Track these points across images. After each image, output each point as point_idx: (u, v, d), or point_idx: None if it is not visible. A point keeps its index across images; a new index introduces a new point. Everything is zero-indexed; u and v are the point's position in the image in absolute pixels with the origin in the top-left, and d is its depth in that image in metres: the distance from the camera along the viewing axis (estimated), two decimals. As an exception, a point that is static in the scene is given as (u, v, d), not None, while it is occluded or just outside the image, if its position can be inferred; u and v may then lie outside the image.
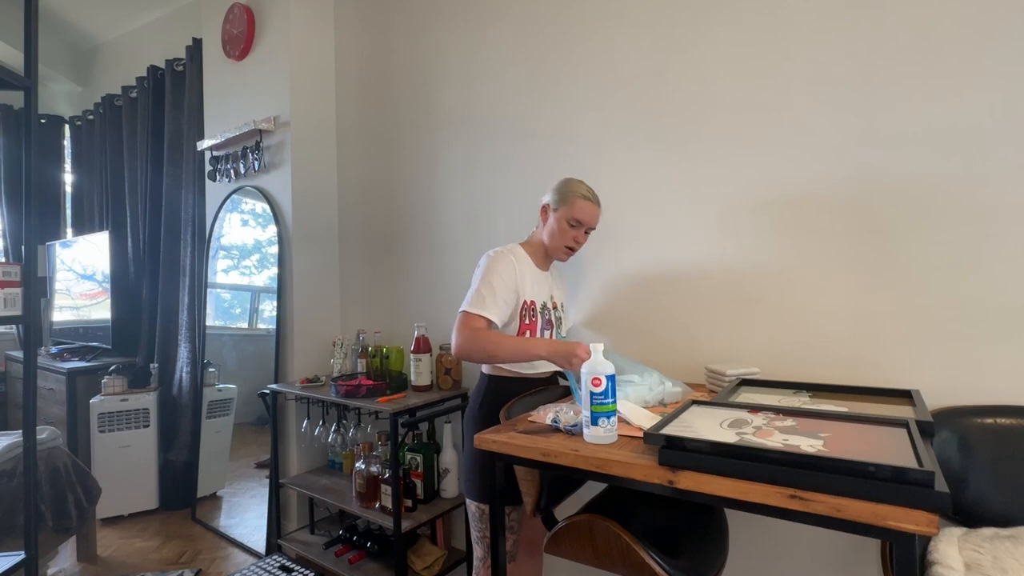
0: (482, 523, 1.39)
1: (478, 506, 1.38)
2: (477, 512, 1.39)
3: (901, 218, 1.32)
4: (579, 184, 1.46)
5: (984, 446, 1.16)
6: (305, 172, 2.48)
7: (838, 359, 1.40)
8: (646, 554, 1.01)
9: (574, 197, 1.43)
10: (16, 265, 1.34)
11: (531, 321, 1.43)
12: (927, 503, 0.67)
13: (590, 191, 1.46)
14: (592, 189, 1.48)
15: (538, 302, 1.46)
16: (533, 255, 1.50)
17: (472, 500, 1.40)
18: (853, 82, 1.37)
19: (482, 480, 1.37)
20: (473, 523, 1.41)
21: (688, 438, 0.86)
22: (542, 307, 1.47)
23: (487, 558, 1.38)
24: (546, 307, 1.49)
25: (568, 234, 1.44)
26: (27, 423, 1.32)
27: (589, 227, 1.47)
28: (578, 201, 1.43)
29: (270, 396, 2.31)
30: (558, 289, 1.59)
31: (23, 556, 1.32)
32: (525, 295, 1.42)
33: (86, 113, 3.80)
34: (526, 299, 1.42)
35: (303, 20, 2.48)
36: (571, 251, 1.49)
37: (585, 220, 1.44)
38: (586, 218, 1.44)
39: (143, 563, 2.33)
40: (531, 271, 1.46)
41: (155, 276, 3.19)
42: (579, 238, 1.46)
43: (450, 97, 2.18)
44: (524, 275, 1.42)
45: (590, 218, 1.45)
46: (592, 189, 1.48)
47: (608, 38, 1.77)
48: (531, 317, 1.43)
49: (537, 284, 1.47)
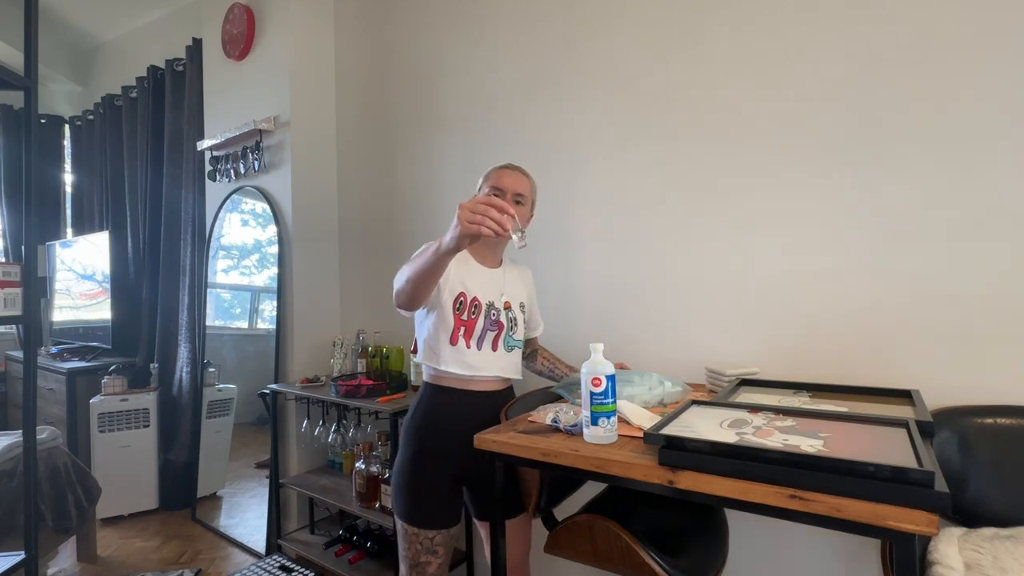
0: (406, 542, 1.29)
1: (404, 525, 1.29)
2: (402, 531, 1.30)
3: (901, 218, 1.32)
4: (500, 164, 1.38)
5: (984, 446, 1.16)
6: (305, 172, 2.48)
7: (838, 359, 1.40)
8: (646, 554, 1.01)
9: (491, 171, 1.36)
10: (16, 265, 1.34)
11: (470, 319, 1.30)
12: (927, 503, 0.67)
13: (508, 163, 1.38)
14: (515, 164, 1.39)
15: (482, 299, 1.32)
16: (476, 252, 1.37)
17: (398, 518, 1.31)
18: (853, 82, 1.37)
19: (405, 498, 1.29)
20: (398, 538, 1.32)
21: (688, 438, 0.86)
22: (488, 306, 1.33)
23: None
24: (493, 306, 1.34)
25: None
26: (27, 423, 1.32)
27: (514, 192, 1.32)
28: (493, 173, 1.35)
29: (270, 396, 2.31)
30: (515, 288, 1.42)
31: (23, 556, 1.32)
32: (463, 288, 1.30)
33: (86, 113, 3.80)
34: (463, 292, 1.30)
35: (303, 20, 2.48)
36: None
37: (505, 185, 1.31)
38: (504, 183, 1.31)
39: (143, 563, 2.33)
40: (472, 267, 1.34)
41: (155, 276, 3.19)
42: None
43: (450, 97, 2.18)
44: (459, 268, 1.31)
45: (510, 183, 1.32)
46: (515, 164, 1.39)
47: (608, 38, 1.77)
48: (470, 314, 1.30)
49: (482, 281, 1.34)
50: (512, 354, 1.38)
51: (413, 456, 1.31)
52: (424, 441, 1.31)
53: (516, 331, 1.38)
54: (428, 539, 1.28)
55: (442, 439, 1.30)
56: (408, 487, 1.30)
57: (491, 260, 1.40)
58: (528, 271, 1.54)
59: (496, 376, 1.35)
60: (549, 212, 1.90)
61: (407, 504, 1.29)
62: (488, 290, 1.34)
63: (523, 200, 1.35)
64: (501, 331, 1.35)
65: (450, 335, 1.29)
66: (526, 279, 1.50)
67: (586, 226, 1.82)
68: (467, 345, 1.30)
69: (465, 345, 1.30)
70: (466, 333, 1.30)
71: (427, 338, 1.32)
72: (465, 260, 1.34)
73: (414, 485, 1.29)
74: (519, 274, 1.48)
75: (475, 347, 1.31)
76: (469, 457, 1.24)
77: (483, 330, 1.32)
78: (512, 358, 1.38)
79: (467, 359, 1.30)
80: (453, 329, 1.29)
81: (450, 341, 1.29)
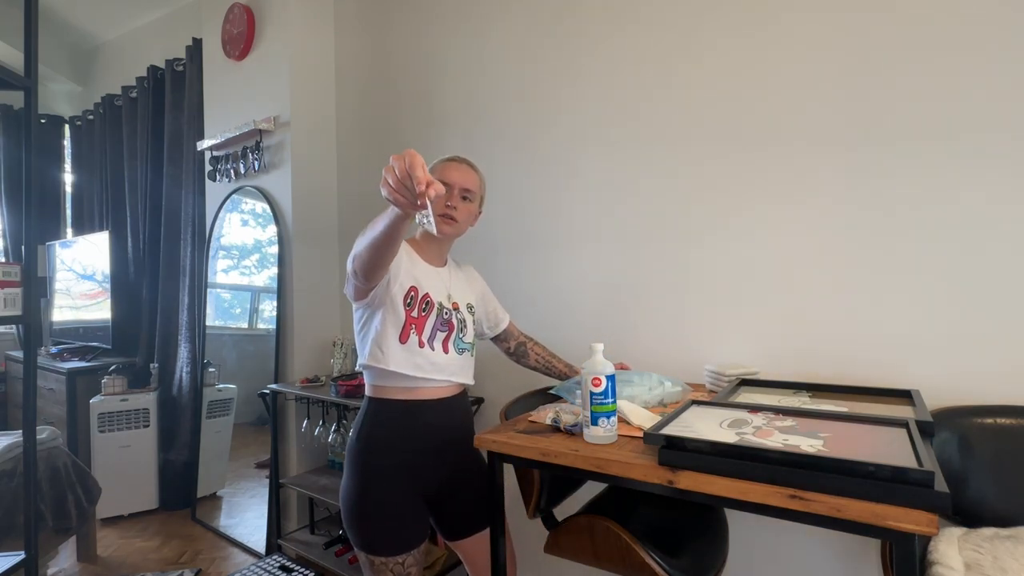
0: (373, 573, 1.19)
1: (368, 557, 1.19)
2: (367, 563, 1.19)
3: (901, 217, 1.32)
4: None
5: (984, 446, 1.16)
6: (305, 172, 2.48)
7: (838, 359, 1.40)
8: (646, 554, 1.01)
9: (436, 164, 1.29)
10: (16, 265, 1.34)
11: (421, 316, 1.21)
12: (927, 503, 0.67)
13: (456, 156, 1.31)
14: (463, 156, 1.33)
15: (434, 298, 1.24)
16: (420, 249, 1.29)
17: (359, 550, 1.21)
18: (853, 82, 1.37)
19: (361, 528, 1.19)
20: (364, 570, 1.22)
21: (688, 438, 0.86)
22: (439, 305, 1.25)
23: None
24: (443, 307, 1.26)
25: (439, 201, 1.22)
26: (27, 423, 1.32)
27: (461, 187, 1.25)
28: (439, 165, 1.28)
29: (270, 396, 2.31)
30: (461, 289, 1.35)
31: (23, 556, 1.32)
32: (416, 283, 1.22)
33: (86, 113, 3.80)
34: (415, 286, 1.21)
35: (303, 20, 2.48)
36: (449, 219, 1.24)
37: (450, 179, 1.24)
38: (451, 177, 1.25)
39: (143, 563, 2.33)
40: (421, 264, 1.27)
41: (155, 276, 3.19)
42: (452, 201, 1.24)
43: (450, 97, 2.18)
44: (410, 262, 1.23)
45: (456, 177, 1.25)
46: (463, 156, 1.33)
47: (607, 38, 1.77)
48: (421, 311, 1.21)
49: (431, 279, 1.26)
50: (463, 357, 1.29)
51: (361, 481, 1.20)
52: (370, 465, 1.20)
53: (466, 333, 1.31)
54: (399, 564, 1.18)
55: (393, 456, 1.20)
56: (363, 516, 1.19)
57: (437, 259, 1.32)
58: (473, 270, 1.46)
59: (447, 380, 1.25)
60: (548, 211, 1.90)
61: (366, 534, 1.19)
62: (437, 289, 1.27)
63: (471, 196, 1.28)
64: (451, 332, 1.26)
65: (399, 332, 1.18)
66: (472, 279, 1.43)
67: (586, 226, 1.82)
68: (419, 344, 1.20)
69: (417, 344, 1.19)
70: (417, 330, 1.20)
71: (374, 337, 1.19)
72: (410, 256, 1.25)
73: (368, 513, 1.19)
74: (464, 275, 1.41)
75: (428, 346, 1.21)
76: (429, 471, 1.21)
77: (433, 328, 1.23)
78: (463, 361, 1.29)
79: (417, 359, 1.19)
80: (404, 325, 1.18)
81: (400, 338, 1.18)
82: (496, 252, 2.03)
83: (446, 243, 1.33)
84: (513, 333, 1.52)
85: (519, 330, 1.55)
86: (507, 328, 1.51)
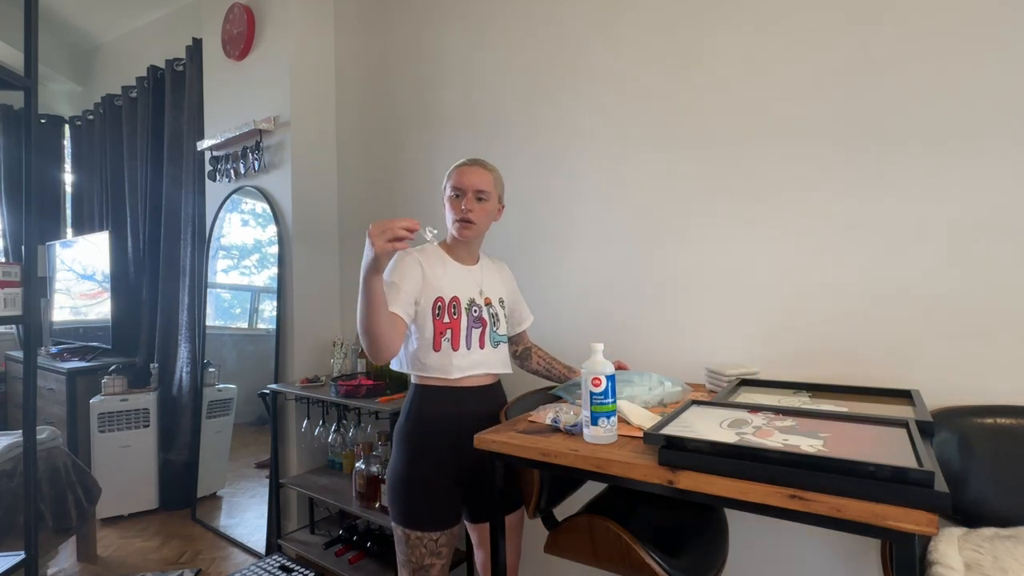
0: (408, 547, 1.27)
1: (404, 531, 1.27)
2: (402, 536, 1.28)
3: (901, 217, 1.32)
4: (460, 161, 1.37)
5: (984, 446, 1.16)
6: (305, 172, 2.48)
7: (838, 359, 1.40)
8: (646, 554, 1.01)
9: (452, 170, 1.35)
10: (16, 265, 1.34)
11: (453, 320, 1.30)
12: (927, 503, 0.67)
13: (468, 158, 1.36)
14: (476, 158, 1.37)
15: (462, 298, 1.32)
16: (451, 251, 1.37)
17: (398, 525, 1.29)
18: (854, 83, 1.37)
19: (404, 502, 1.28)
20: (397, 545, 1.30)
21: (688, 438, 0.86)
22: (469, 303, 1.33)
23: None
24: (474, 303, 1.34)
25: (456, 207, 1.31)
26: (27, 423, 1.32)
27: (475, 190, 1.31)
28: (454, 171, 1.34)
29: (270, 396, 2.31)
30: (493, 284, 1.42)
31: (23, 556, 1.32)
32: (441, 291, 1.30)
33: (86, 113, 3.80)
34: (441, 295, 1.29)
35: (303, 20, 2.48)
36: (466, 223, 1.31)
37: (463, 184, 1.30)
38: (464, 181, 1.30)
39: (143, 563, 2.33)
40: (449, 266, 1.34)
41: (155, 276, 3.19)
42: (467, 205, 1.30)
43: (450, 96, 2.18)
44: (434, 270, 1.31)
45: (469, 181, 1.31)
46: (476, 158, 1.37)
47: (608, 39, 1.77)
48: (452, 315, 1.30)
49: (459, 279, 1.34)
50: (498, 349, 1.38)
51: (409, 459, 1.30)
52: (418, 443, 1.30)
53: (499, 326, 1.38)
54: (432, 541, 1.26)
55: (436, 438, 1.29)
56: (407, 491, 1.28)
57: (468, 258, 1.39)
58: (505, 266, 1.53)
59: (484, 372, 1.35)
60: (549, 211, 1.90)
61: (407, 508, 1.28)
62: (467, 287, 1.34)
63: (486, 196, 1.32)
64: (485, 327, 1.35)
65: (432, 343, 1.28)
66: (504, 274, 1.49)
67: (587, 226, 1.82)
68: (453, 347, 1.29)
69: (451, 347, 1.29)
70: (453, 336, 1.29)
71: (413, 351, 1.31)
72: (442, 260, 1.34)
73: (413, 488, 1.28)
74: (497, 270, 1.47)
75: (464, 347, 1.30)
76: (465, 455, 1.24)
77: (468, 328, 1.31)
78: (499, 353, 1.38)
79: (454, 362, 1.29)
80: (434, 335, 1.28)
81: (433, 348, 1.28)
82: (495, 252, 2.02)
83: (474, 242, 1.39)
84: (524, 337, 1.58)
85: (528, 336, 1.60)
86: (524, 331, 1.56)
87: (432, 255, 1.33)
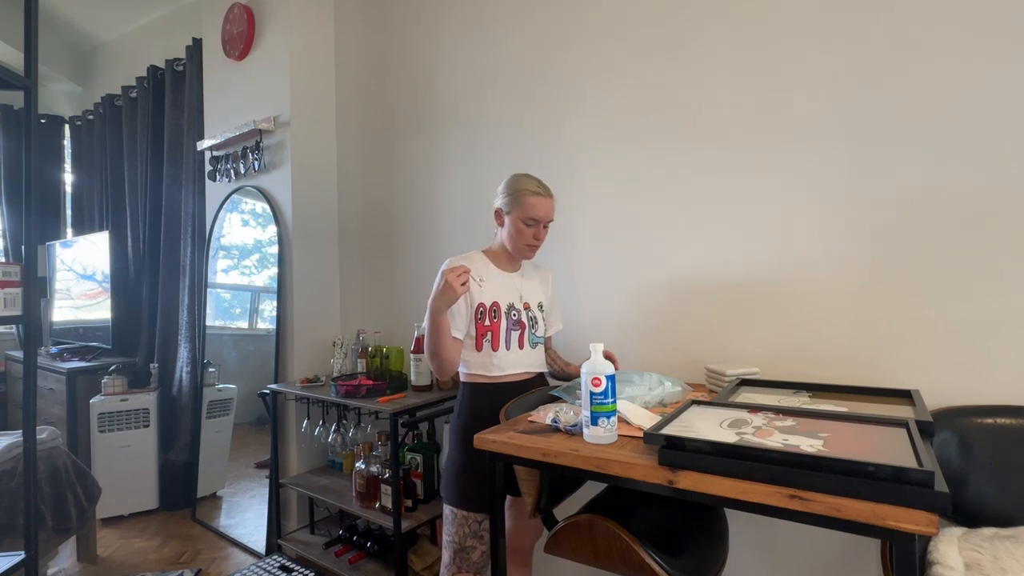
0: (454, 527, 1.37)
1: (453, 510, 1.38)
2: (451, 516, 1.38)
3: (901, 219, 1.32)
4: (527, 180, 1.41)
5: (984, 446, 1.16)
6: (305, 172, 2.48)
7: (838, 359, 1.40)
8: (646, 554, 1.01)
9: (524, 196, 1.38)
10: (16, 265, 1.34)
11: (492, 323, 1.40)
12: (927, 503, 0.67)
13: (539, 185, 1.41)
14: (541, 181, 1.42)
15: (502, 303, 1.42)
16: (495, 259, 1.47)
17: (449, 505, 1.39)
18: (847, 81, 1.37)
19: (459, 485, 1.38)
20: (446, 526, 1.40)
21: (688, 438, 0.86)
22: (508, 308, 1.43)
23: (453, 565, 1.37)
24: (513, 308, 1.44)
25: (526, 233, 1.40)
26: (27, 423, 1.32)
27: (546, 221, 1.42)
28: (529, 199, 1.38)
29: (270, 396, 2.31)
30: (533, 290, 1.52)
31: (23, 556, 1.32)
32: (482, 298, 1.40)
33: (86, 113, 3.80)
34: (482, 301, 1.40)
35: (303, 20, 2.48)
36: (534, 248, 1.44)
37: (540, 216, 1.39)
38: (540, 214, 1.39)
39: (143, 563, 2.33)
40: (494, 274, 1.44)
41: (155, 276, 3.19)
42: (538, 234, 1.42)
43: (450, 97, 2.18)
44: (480, 279, 1.41)
45: (544, 213, 1.40)
46: (541, 181, 1.42)
47: (606, 39, 1.77)
48: (492, 319, 1.40)
49: (501, 286, 1.44)
50: (536, 350, 1.49)
51: (464, 448, 1.37)
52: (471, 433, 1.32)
53: (538, 328, 1.49)
54: (476, 522, 1.35)
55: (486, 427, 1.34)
56: (460, 476, 1.38)
57: (510, 266, 1.49)
58: (548, 273, 1.62)
59: (523, 371, 1.46)
60: (549, 212, 1.90)
61: (458, 490, 1.38)
62: (507, 293, 1.45)
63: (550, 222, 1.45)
64: (524, 329, 1.45)
65: (475, 344, 1.41)
66: (545, 281, 1.59)
67: (586, 225, 1.82)
68: (494, 348, 1.41)
69: (492, 348, 1.41)
70: (493, 338, 1.41)
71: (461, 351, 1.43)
72: (485, 267, 1.44)
73: (465, 474, 1.38)
74: (538, 277, 1.57)
75: (503, 347, 1.41)
76: None
77: (508, 330, 1.42)
78: (537, 354, 1.50)
79: (494, 361, 1.41)
80: (477, 337, 1.40)
81: (476, 348, 1.41)
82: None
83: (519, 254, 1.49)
84: (548, 342, 1.61)
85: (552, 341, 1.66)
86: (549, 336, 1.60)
87: (477, 262, 1.44)
